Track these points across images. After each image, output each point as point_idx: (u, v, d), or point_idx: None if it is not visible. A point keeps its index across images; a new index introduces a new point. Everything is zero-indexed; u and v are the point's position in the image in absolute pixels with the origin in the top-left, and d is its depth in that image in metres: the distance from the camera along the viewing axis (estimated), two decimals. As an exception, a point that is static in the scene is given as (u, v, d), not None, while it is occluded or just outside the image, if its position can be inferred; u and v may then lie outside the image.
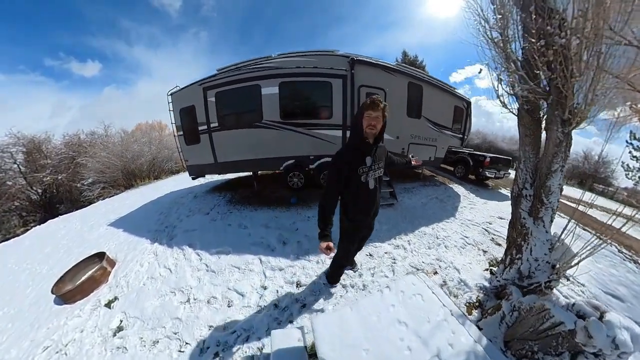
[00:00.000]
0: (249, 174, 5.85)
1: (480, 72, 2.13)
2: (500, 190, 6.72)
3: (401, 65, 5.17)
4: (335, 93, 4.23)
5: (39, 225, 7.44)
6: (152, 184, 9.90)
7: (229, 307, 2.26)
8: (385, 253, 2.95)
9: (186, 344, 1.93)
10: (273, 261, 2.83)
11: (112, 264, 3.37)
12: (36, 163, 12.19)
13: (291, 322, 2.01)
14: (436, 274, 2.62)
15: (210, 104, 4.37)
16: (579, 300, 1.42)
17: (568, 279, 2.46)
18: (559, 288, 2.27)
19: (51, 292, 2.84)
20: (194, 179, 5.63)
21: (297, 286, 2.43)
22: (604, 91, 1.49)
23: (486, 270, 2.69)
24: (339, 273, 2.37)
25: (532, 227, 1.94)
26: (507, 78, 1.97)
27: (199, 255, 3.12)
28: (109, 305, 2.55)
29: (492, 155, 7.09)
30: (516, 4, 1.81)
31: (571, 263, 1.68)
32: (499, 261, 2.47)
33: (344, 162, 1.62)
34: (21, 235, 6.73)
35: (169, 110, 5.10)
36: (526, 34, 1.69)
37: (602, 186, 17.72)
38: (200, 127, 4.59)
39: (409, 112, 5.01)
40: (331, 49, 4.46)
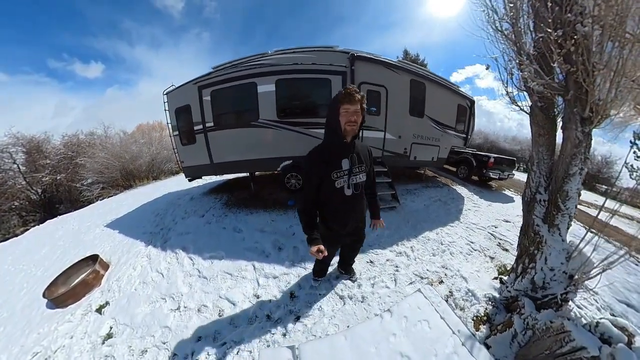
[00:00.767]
0: (246, 175, 5.75)
1: (487, 69, 1.95)
2: (504, 192, 6.54)
3: (403, 61, 5.01)
4: (335, 90, 4.08)
5: (39, 225, 7.41)
6: (151, 185, 9.83)
7: (219, 316, 2.15)
8: (387, 260, 2.78)
9: (174, 355, 1.85)
10: (267, 268, 2.70)
11: (106, 267, 3.30)
12: (36, 163, 12.18)
13: (284, 336, 1.90)
14: (442, 283, 2.47)
15: (205, 103, 4.25)
16: (603, 319, 1.27)
17: (589, 291, 2.34)
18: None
19: (43, 296, 2.77)
20: (190, 180, 5.52)
21: (291, 297, 2.29)
22: (629, 86, 1.36)
23: (495, 279, 2.53)
24: (321, 268, 2.33)
25: (547, 235, 1.78)
26: (518, 73, 1.81)
27: (191, 260, 3.01)
28: (99, 310, 2.50)
29: (496, 155, 6.85)
30: None
31: (591, 274, 1.53)
32: (509, 270, 2.31)
33: (314, 165, 1.47)
34: (20, 236, 6.70)
35: (165, 110, 4.99)
36: (542, 23, 1.54)
37: (605, 186, 17.50)
38: (196, 127, 4.47)
39: (412, 110, 4.85)
40: (330, 44, 4.33)
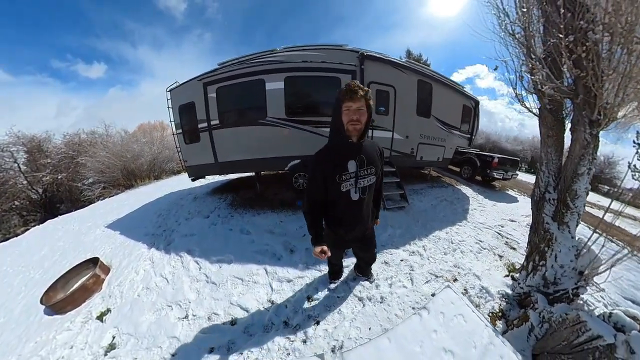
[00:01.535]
0: (251, 174, 5.63)
1: (496, 69, 2.04)
2: (507, 192, 6.55)
3: (411, 62, 5.01)
4: None
5: (39, 224, 7.30)
6: (153, 184, 9.74)
7: (232, 325, 2.02)
8: (401, 260, 2.77)
9: (184, 369, 1.71)
10: (280, 271, 2.58)
11: (106, 270, 3.15)
12: (37, 162, 12.07)
13: (305, 342, 1.79)
14: (456, 281, 2.50)
15: (210, 100, 4.12)
16: (615, 310, 1.31)
17: (598, 287, 2.35)
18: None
19: (40, 302, 2.63)
20: (193, 180, 5.41)
21: (308, 300, 2.19)
22: (637, 91, 1.42)
23: (506, 276, 2.60)
24: (333, 269, 2.31)
25: (557, 233, 1.87)
26: (528, 76, 1.89)
27: (198, 264, 2.88)
28: (100, 318, 2.35)
29: (500, 155, 6.88)
30: None
31: (599, 270, 1.64)
32: (520, 267, 2.38)
33: (319, 164, 1.42)
34: (20, 236, 6.58)
35: (168, 108, 4.87)
36: (554, 29, 1.58)
37: (607, 187, 17.63)
38: (200, 125, 4.35)
39: (419, 110, 4.83)
40: (339, 43, 4.24)
